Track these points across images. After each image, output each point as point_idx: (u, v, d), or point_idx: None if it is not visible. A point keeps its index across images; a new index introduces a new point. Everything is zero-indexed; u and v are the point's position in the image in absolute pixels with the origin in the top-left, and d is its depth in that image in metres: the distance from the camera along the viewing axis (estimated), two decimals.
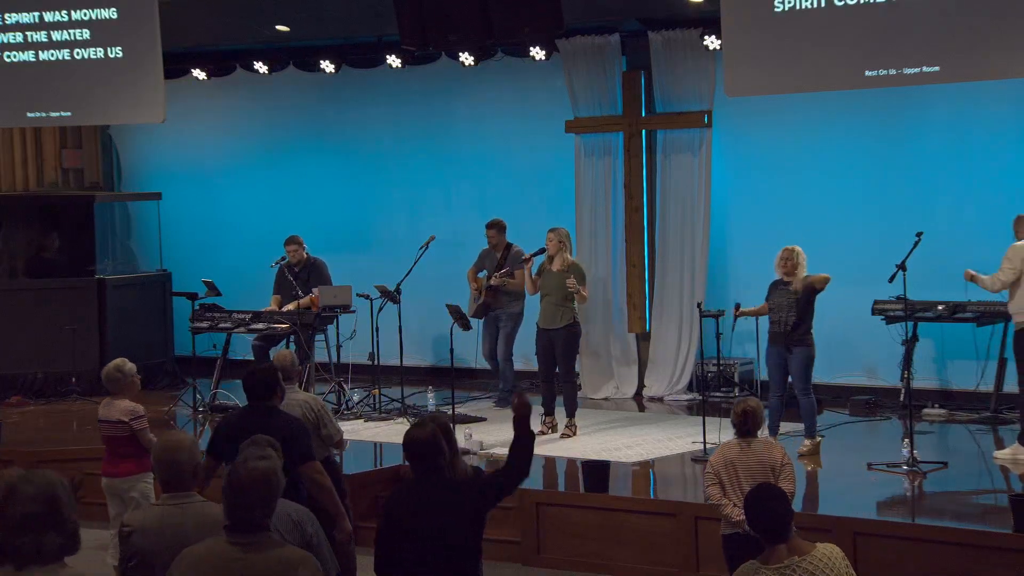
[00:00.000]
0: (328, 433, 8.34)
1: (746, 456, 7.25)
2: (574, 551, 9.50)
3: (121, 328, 14.58)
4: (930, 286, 11.34)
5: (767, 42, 10.86)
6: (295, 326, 12.70)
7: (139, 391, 8.97)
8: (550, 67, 13.68)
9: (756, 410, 7.32)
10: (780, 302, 10.46)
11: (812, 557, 5.15)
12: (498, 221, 13.09)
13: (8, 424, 12.30)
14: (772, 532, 5.20)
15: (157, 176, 16.26)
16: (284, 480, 4.70)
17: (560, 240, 11.50)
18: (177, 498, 5.24)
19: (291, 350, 10.80)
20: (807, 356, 10.45)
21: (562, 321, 11.42)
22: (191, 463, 5.29)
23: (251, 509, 4.55)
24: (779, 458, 7.25)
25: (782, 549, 5.17)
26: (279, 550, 4.59)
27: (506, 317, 12.94)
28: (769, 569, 5.13)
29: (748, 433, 7.31)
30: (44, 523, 3.91)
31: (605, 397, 13.33)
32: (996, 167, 12.33)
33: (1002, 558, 8.12)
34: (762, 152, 13.33)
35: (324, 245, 13.90)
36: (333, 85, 14.99)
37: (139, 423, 8.70)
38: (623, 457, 10.68)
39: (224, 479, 4.65)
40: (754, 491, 5.48)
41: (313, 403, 8.40)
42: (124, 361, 8.90)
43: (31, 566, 3.88)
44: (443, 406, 12.25)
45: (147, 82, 12.88)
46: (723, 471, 7.28)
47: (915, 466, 9.83)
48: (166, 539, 5.11)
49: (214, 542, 4.64)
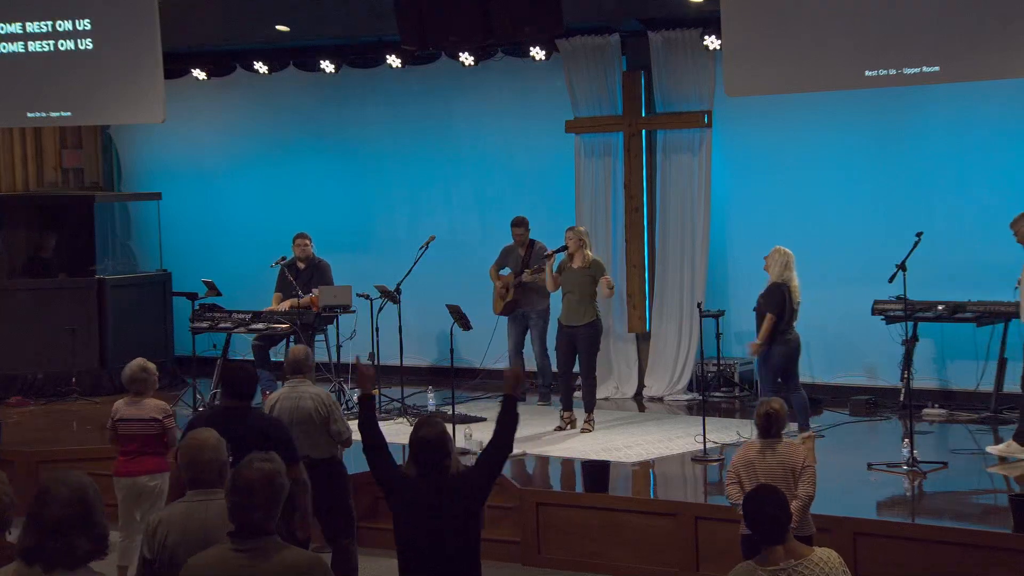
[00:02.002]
0: (337, 429, 8.29)
1: (767, 458, 7.21)
2: (574, 551, 9.50)
3: (121, 328, 14.58)
4: (930, 286, 11.34)
5: (767, 42, 10.87)
6: (295, 326, 12.70)
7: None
8: (550, 67, 13.68)
9: (780, 412, 7.29)
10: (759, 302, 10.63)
11: (809, 561, 5.16)
12: (524, 219, 13.14)
13: (8, 424, 12.29)
14: (768, 534, 5.22)
15: (157, 176, 16.26)
16: (288, 484, 4.69)
17: (580, 238, 11.71)
18: (202, 494, 5.26)
19: (304, 346, 10.81)
20: (784, 354, 10.55)
21: (585, 318, 11.59)
22: (218, 461, 5.31)
23: (256, 511, 4.54)
24: (800, 460, 7.21)
25: (779, 551, 5.18)
26: (286, 554, 4.56)
27: (536, 316, 13.05)
28: (765, 571, 5.14)
29: (771, 435, 7.27)
30: (76, 527, 3.91)
31: (605, 397, 13.32)
32: (996, 167, 12.34)
33: (1002, 558, 8.13)
34: (762, 152, 13.33)
35: (324, 245, 13.89)
36: (333, 85, 14.99)
37: (170, 421, 8.80)
38: (623, 457, 10.68)
39: (228, 482, 4.63)
40: (752, 492, 5.49)
41: (324, 397, 8.38)
42: (146, 361, 8.94)
43: (59, 569, 3.88)
44: (443, 406, 12.27)
45: (147, 82, 12.87)
46: (743, 471, 7.25)
47: (915, 466, 9.83)
48: (191, 533, 5.14)
49: (219, 550, 4.62)
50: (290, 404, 8.25)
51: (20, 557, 3.93)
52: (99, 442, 11.09)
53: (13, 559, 4.04)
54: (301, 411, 8.21)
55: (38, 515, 3.93)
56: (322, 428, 8.23)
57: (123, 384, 9.05)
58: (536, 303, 13.01)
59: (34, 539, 3.91)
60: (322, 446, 8.28)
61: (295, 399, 8.27)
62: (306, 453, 8.07)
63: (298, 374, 8.46)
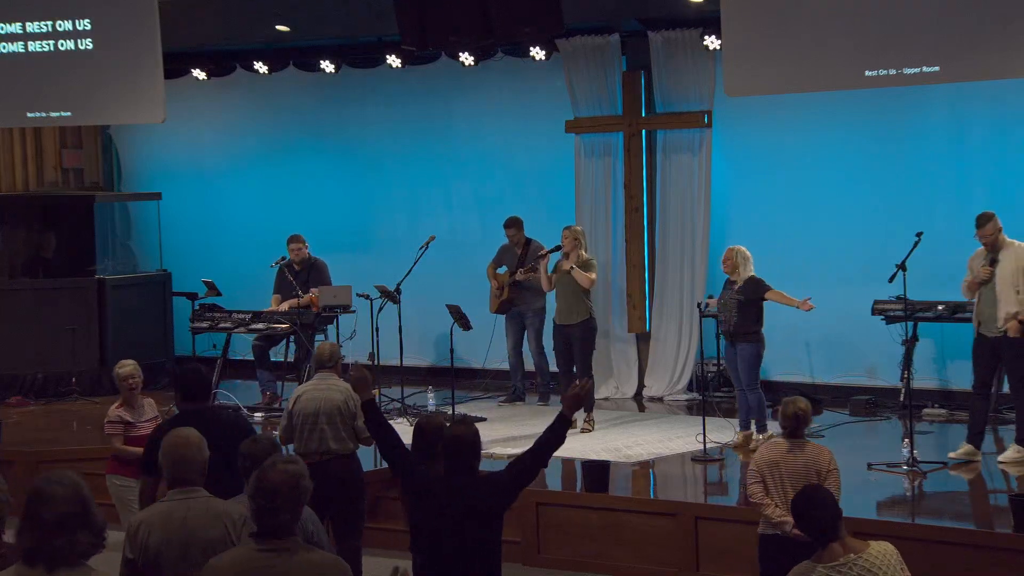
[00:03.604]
0: (362, 425, 8.29)
1: (792, 458, 7.09)
2: (574, 551, 9.50)
3: (121, 328, 14.58)
4: (930, 286, 11.34)
5: (767, 42, 10.87)
6: (295, 326, 12.70)
7: (134, 395, 9.05)
8: (550, 67, 13.68)
9: (806, 412, 7.16)
10: (725, 301, 10.73)
11: (867, 555, 5.18)
12: (517, 219, 13.15)
13: (8, 424, 12.29)
14: (823, 532, 5.23)
15: (157, 176, 16.26)
16: (312, 486, 4.70)
17: (575, 238, 11.71)
18: (182, 493, 5.28)
19: (332, 342, 10.82)
20: (753, 353, 10.65)
21: (578, 317, 11.62)
22: (199, 459, 5.34)
23: (281, 513, 4.55)
24: (826, 462, 7.08)
25: (836, 547, 5.20)
26: (308, 554, 4.58)
27: (532, 314, 13.04)
28: (825, 567, 5.15)
29: (797, 435, 7.15)
30: (77, 523, 3.92)
31: (605, 397, 13.32)
32: (996, 167, 12.33)
33: (1002, 558, 8.13)
34: (762, 152, 13.33)
35: (324, 245, 13.90)
36: (333, 85, 14.98)
37: (106, 428, 8.95)
38: (623, 457, 10.68)
39: (251, 483, 4.64)
40: (802, 493, 5.50)
41: (354, 393, 8.42)
42: (121, 364, 9.08)
43: (61, 567, 3.89)
44: (443, 406, 12.27)
45: (147, 82, 12.87)
46: (767, 471, 7.11)
47: (915, 466, 9.83)
48: (171, 532, 5.15)
49: (241, 551, 4.64)
50: (319, 395, 8.39)
51: (22, 558, 3.93)
52: (99, 442, 11.10)
53: (11, 559, 4.04)
54: (329, 403, 8.32)
55: (36, 515, 3.93)
56: (348, 422, 8.29)
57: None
58: (531, 302, 13.01)
59: (35, 539, 3.92)
60: (345, 440, 8.37)
61: (324, 390, 8.39)
62: (328, 447, 8.15)
63: (324, 369, 8.54)
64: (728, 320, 10.69)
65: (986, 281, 9.93)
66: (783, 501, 6.94)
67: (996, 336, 9.90)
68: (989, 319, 9.94)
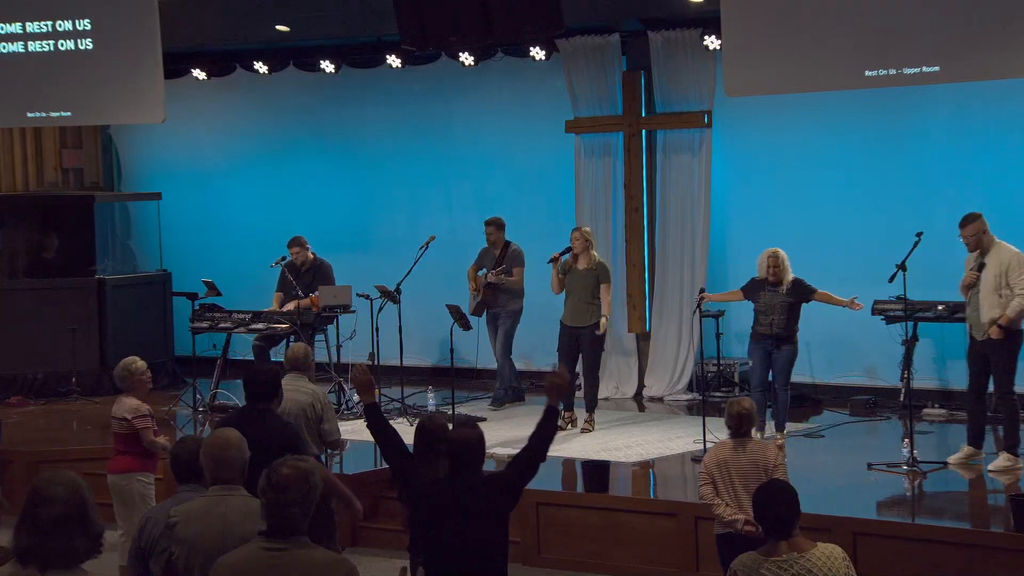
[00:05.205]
0: (328, 429, 8.30)
1: (739, 457, 7.32)
2: (574, 551, 9.50)
3: (121, 328, 14.58)
4: (930, 286, 11.33)
5: (767, 42, 10.87)
6: (295, 326, 12.70)
7: (148, 391, 8.95)
8: (550, 67, 13.68)
9: (751, 412, 7.40)
10: (772, 303, 10.70)
11: (811, 555, 5.23)
12: (497, 219, 13.11)
13: (8, 424, 12.29)
14: (776, 528, 5.28)
15: (157, 176, 16.26)
16: (321, 485, 4.71)
17: (586, 239, 11.70)
18: (223, 490, 5.35)
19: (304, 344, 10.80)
20: (793, 353, 10.76)
21: (591, 319, 11.63)
22: (240, 459, 5.41)
23: (290, 508, 4.57)
24: (772, 459, 7.32)
25: (783, 545, 5.25)
26: (314, 553, 4.60)
27: (505, 315, 12.95)
28: (769, 562, 5.22)
29: (742, 434, 7.38)
30: (74, 526, 3.91)
31: (605, 397, 13.31)
32: (996, 167, 12.33)
33: (1002, 558, 8.13)
34: (762, 152, 13.34)
35: (324, 245, 13.89)
36: (333, 85, 14.98)
37: (141, 422, 8.68)
38: (623, 457, 10.68)
39: (262, 479, 4.66)
40: (764, 487, 5.59)
41: (321, 396, 8.40)
42: (133, 360, 8.92)
43: (55, 569, 3.88)
44: (443, 406, 12.26)
45: (147, 82, 12.87)
46: (716, 471, 7.35)
47: (915, 466, 9.83)
48: (210, 527, 5.22)
49: (249, 548, 4.66)
50: (285, 396, 8.27)
51: (16, 558, 3.93)
52: (99, 442, 11.10)
53: (3, 561, 4.04)
54: (295, 404, 8.22)
55: (34, 515, 3.92)
56: (313, 425, 8.25)
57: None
58: (506, 303, 12.95)
59: (30, 540, 3.90)
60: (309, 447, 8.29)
61: (291, 391, 8.27)
62: None
63: (296, 371, 8.49)
64: (776, 322, 10.68)
65: (974, 285, 9.95)
66: (733, 499, 7.25)
67: (983, 340, 9.92)
68: (976, 323, 9.97)
